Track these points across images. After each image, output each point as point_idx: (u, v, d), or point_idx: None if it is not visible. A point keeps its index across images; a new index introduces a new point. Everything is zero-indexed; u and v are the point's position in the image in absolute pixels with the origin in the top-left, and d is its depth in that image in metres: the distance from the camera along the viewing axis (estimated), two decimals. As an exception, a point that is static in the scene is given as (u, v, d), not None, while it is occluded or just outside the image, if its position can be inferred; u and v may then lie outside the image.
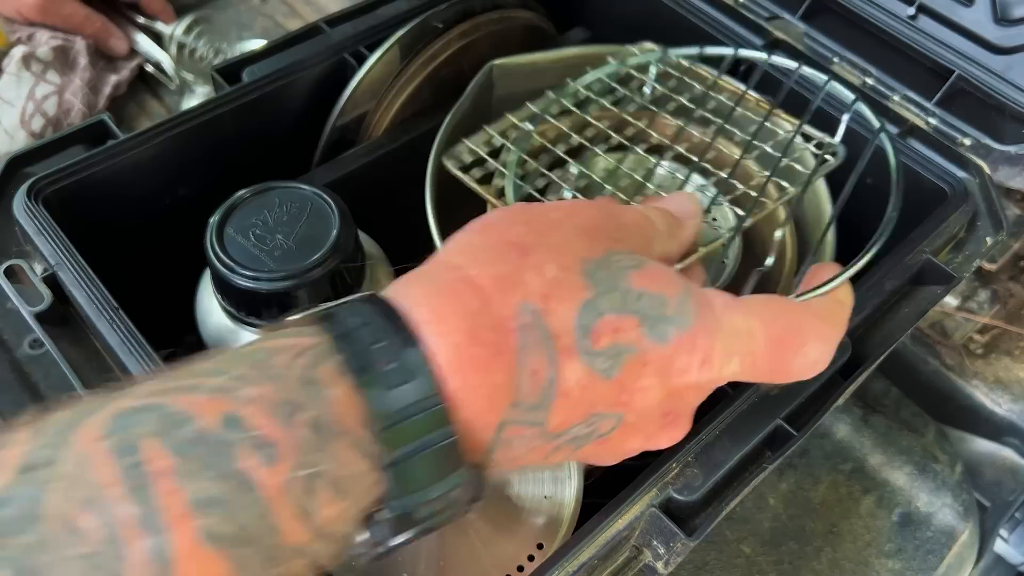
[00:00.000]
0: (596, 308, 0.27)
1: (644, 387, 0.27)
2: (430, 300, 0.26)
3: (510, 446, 0.26)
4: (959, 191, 0.47)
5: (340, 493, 0.23)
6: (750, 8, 0.56)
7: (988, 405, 0.61)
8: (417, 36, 0.52)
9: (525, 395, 0.26)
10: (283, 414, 0.23)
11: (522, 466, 0.29)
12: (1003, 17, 0.50)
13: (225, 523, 0.21)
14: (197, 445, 0.22)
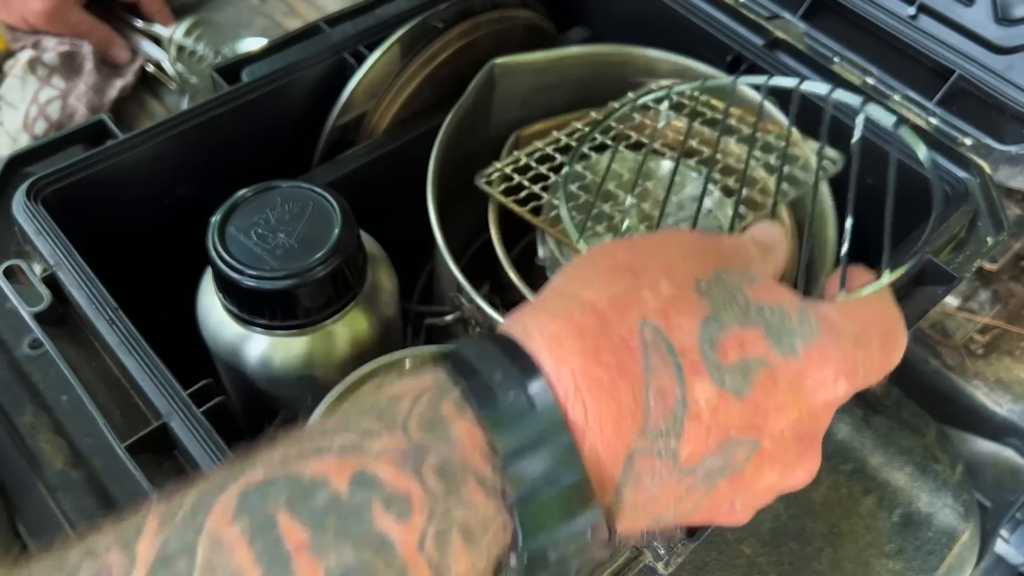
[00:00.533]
0: (719, 321, 0.25)
1: (778, 406, 0.26)
2: (545, 326, 0.25)
3: (640, 483, 0.25)
4: (960, 191, 0.47)
5: (471, 542, 0.22)
6: (750, 8, 0.56)
7: (989, 405, 0.61)
8: (417, 36, 0.52)
9: (654, 419, 0.24)
10: (412, 463, 0.22)
11: (655, 515, 0.26)
12: (1004, 17, 0.50)
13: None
14: (330, 512, 0.21)
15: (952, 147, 0.50)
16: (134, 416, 0.38)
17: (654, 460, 0.24)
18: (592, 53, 0.53)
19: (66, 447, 0.43)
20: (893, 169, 0.38)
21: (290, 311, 0.40)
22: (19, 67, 0.68)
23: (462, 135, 0.49)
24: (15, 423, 0.44)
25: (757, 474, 0.26)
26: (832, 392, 0.27)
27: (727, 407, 0.25)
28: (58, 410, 0.43)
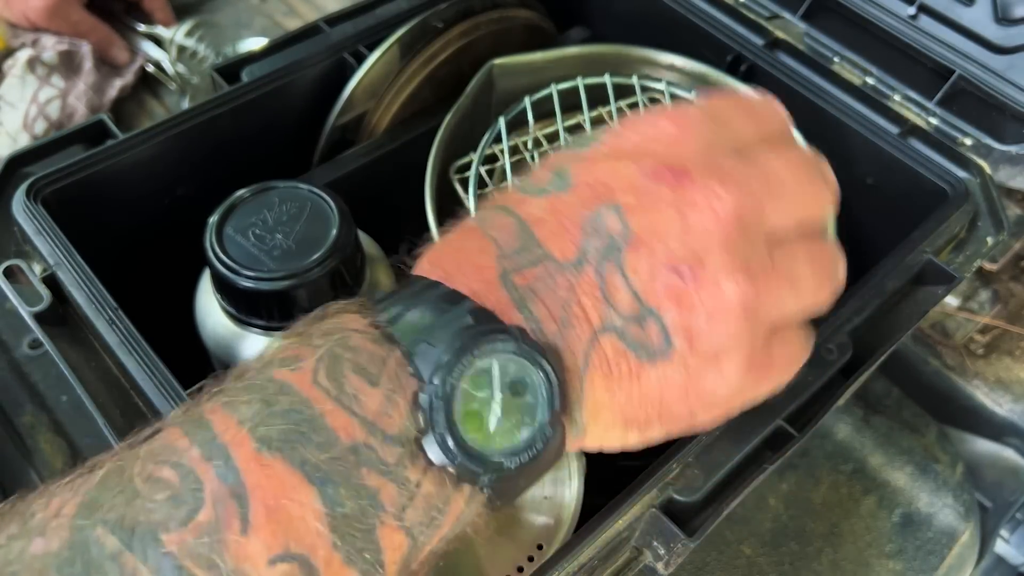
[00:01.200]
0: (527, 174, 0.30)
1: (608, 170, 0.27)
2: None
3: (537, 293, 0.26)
4: (960, 191, 0.47)
5: (367, 377, 0.24)
6: (750, 8, 0.56)
7: (989, 405, 0.61)
8: (417, 35, 0.52)
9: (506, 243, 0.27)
10: (303, 339, 0.25)
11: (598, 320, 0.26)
12: (1004, 17, 0.50)
13: (270, 429, 0.23)
14: (241, 381, 0.24)
15: (952, 147, 0.50)
16: (134, 416, 0.38)
17: (533, 270, 0.26)
18: (592, 53, 0.53)
19: (66, 447, 0.43)
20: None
21: (288, 312, 0.40)
22: (18, 66, 0.68)
23: (462, 135, 0.49)
24: (15, 423, 0.44)
25: (648, 219, 0.26)
26: (660, 129, 0.27)
27: (561, 201, 0.27)
28: (58, 410, 0.43)
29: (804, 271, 0.28)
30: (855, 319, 0.41)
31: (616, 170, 0.26)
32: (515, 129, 0.48)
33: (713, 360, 0.26)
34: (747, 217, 0.26)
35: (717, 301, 0.25)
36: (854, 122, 0.51)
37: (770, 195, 0.27)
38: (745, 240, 0.26)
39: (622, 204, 0.26)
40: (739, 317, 0.26)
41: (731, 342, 0.26)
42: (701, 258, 0.25)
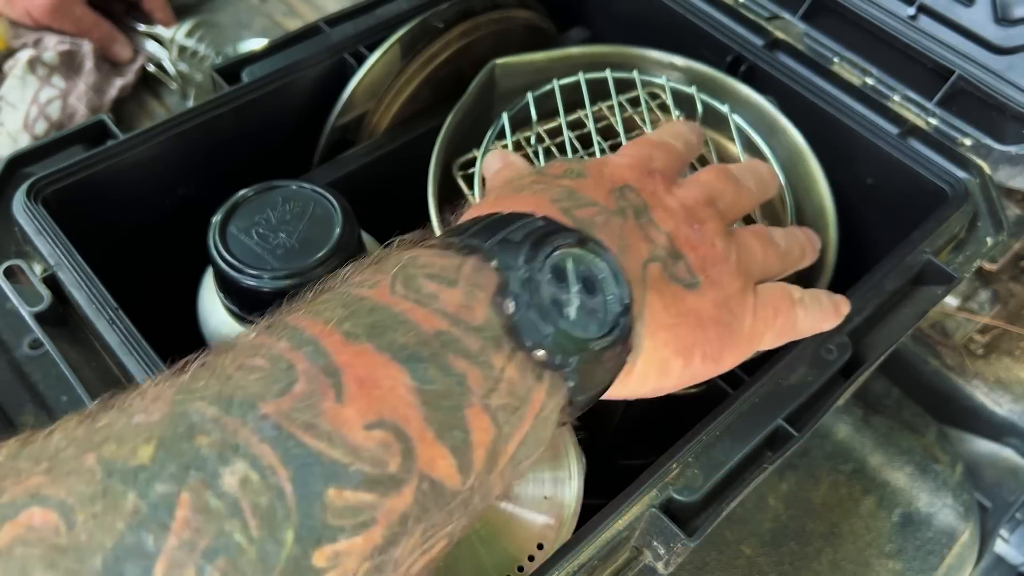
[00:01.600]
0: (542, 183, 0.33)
1: (614, 166, 0.34)
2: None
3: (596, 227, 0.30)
4: (959, 191, 0.47)
5: (441, 280, 0.26)
6: (750, 8, 0.56)
7: (989, 405, 0.61)
8: (417, 36, 0.52)
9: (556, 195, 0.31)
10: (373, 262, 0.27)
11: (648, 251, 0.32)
12: (1003, 17, 0.50)
13: (356, 324, 0.24)
14: (319, 296, 0.27)
15: (952, 147, 0.50)
16: (134, 416, 0.38)
17: (588, 209, 0.31)
18: (592, 53, 0.53)
19: (66, 447, 0.43)
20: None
21: (290, 311, 0.40)
22: (19, 67, 0.68)
23: (462, 135, 0.49)
24: (15, 423, 0.44)
25: (658, 198, 0.33)
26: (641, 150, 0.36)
27: (586, 183, 0.32)
28: (58, 410, 0.43)
29: (755, 246, 0.36)
30: (855, 319, 0.41)
31: (619, 169, 0.34)
32: (518, 127, 0.48)
33: (725, 298, 0.33)
34: (717, 197, 0.36)
35: (715, 257, 0.33)
36: (854, 122, 0.51)
37: (722, 188, 0.37)
38: (717, 214, 0.35)
39: (635, 186, 0.33)
40: (734, 264, 0.34)
41: (732, 281, 0.33)
42: (702, 219, 0.34)
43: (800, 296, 0.37)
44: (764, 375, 0.39)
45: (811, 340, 0.40)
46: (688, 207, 0.33)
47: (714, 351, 0.32)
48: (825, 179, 0.49)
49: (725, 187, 0.37)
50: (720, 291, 0.32)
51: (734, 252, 0.34)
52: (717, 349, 0.32)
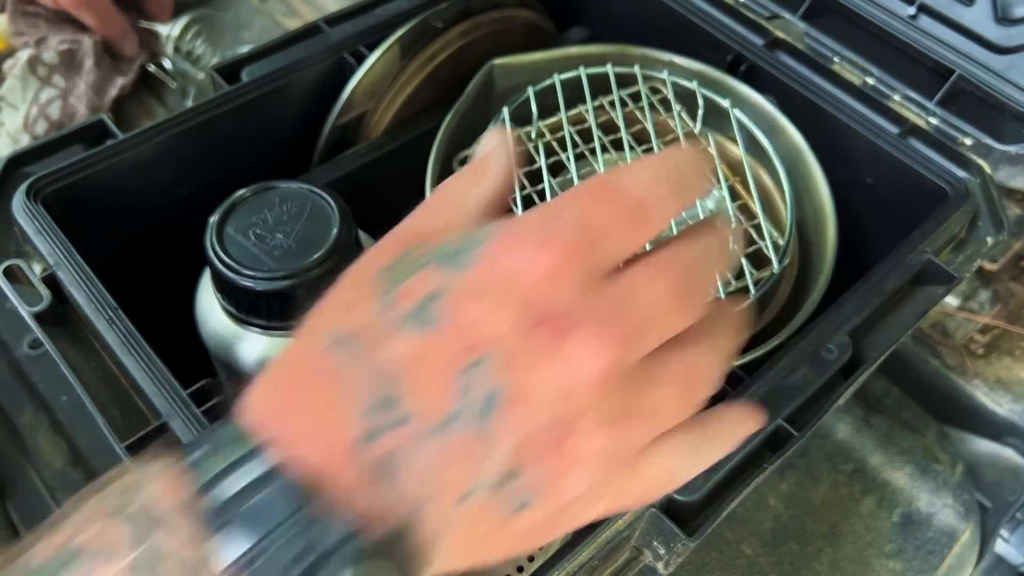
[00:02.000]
0: (393, 288, 0.24)
1: (483, 313, 0.23)
2: (253, 388, 0.25)
3: (402, 459, 0.23)
4: (960, 191, 0.47)
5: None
6: (750, 8, 0.56)
7: (989, 405, 0.61)
8: (417, 35, 0.52)
9: (363, 397, 0.23)
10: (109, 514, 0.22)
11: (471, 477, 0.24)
12: (1004, 17, 0.50)
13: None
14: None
15: (952, 147, 0.50)
16: (134, 416, 0.38)
17: (397, 431, 0.23)
18: (592, 53, 0.53)
19: (66, 447, 0.43)
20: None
21: (288, 311, 0.40)
22: (19, 67, 0.68)
23: (462, 135, 0.49)
24: (15, 423, 0.44)
25: (526, 379, 0.23)
26: (533, 262, 0.24)
27: (428, 346, 0.23)
28: (58, 410, 0.43)
29: (669, 398, 0.27)
30: (855, 319, 0.41)
31: (489, 315, 0.23)
32: (518, 124, 0.48)
33: (577, 503, 0.26)
34: (622, 364, 0.24)
35: (583, 455, 0.25)
36: (854, 122, 0.51)
37: (643, 330, 0.25)
38: (618, 390, 0.25)
39: (495, 357, 0.23)
40: (603, 466, 0.25)
41: (596, 488, 0.26)
42: (574, 418, 0.24)
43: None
44: (764, 375, 0.39)
45: (811, 340, 0.40)
46: (569, 391, 0.24)
47: (543, 542, 0.27)
48: (825, 179, 0.49)
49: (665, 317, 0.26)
50: (568, 502, 0.25)
51: (617, 445, 0.25)
52: (547, 540, 0.27)
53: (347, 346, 0.24)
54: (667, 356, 0.26)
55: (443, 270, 0.24)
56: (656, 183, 0.26)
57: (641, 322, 0.25)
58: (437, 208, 0.29)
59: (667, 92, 0.49)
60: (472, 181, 0.29)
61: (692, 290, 0.27)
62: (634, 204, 0.26)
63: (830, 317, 0.41)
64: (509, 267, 0.24)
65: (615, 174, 0.26)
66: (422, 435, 0.23)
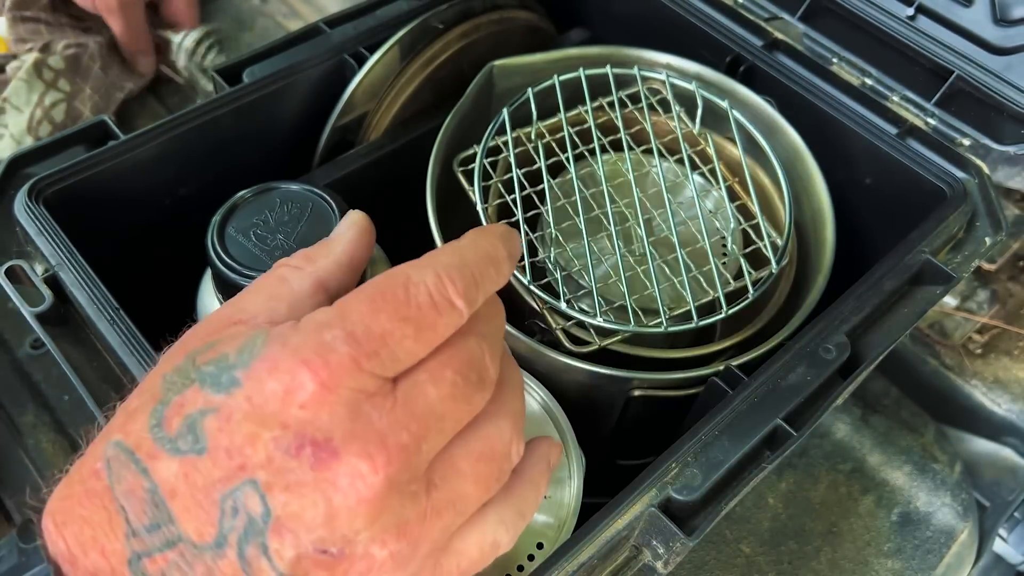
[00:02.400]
0: (164, 403, 0.25)
1: (248, 436, 0.24)
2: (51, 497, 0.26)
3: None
4: (958, 191, 0.47)
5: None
6: (750, 9, 0.56)
7: (987, 405, 0.61)
8: (417, 37, 0.52)
9: (136, 517, 0.24)
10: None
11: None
12: (1002, 17, 0.50)
13: None
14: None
15: (950, 147, 0.50)
16: (135, 416, 0.38)
17: (167, 553, 0.24)
18: (591, 54, 0.53)
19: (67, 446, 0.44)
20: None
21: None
22: (25, 70, 0.68)
23: (462, 136, 0.49)
24: (16, 422, 0.44)
25: (291, 503, 0.24)
26: (298, 385, 0.24)
27: (196, 468, 0.24)
28: (59, 409, 0.44)
29: (467, 485, 0.27)
30: (853, 319, 0.41)
31: (255, 439, 0.24)
32: (518, 125, 0.48)
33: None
34: (399, 476, 0.24)
35: (372, 568, 0.25)
36: (853, 123, 0.51)
37: (426, 433, 0.25)
38: (398, 501, 0.25)
39: (261, 481, 0.24)
40: (397, 571, 0.25)
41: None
42: (349, 538, 0.24)
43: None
44: (763, 374, 0.39)
45: (810, 340, 0.40)
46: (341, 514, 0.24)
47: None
48: (823, 179, 0.49)
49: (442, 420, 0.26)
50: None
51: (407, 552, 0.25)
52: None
53: (121, 464, 0.25)
54: (454, 448, 0.27)
55: (206, 392, 0.25)
56: (444, 282, 0.26)
57: (424, 427, 0.25)
58: (260, 290, 0.29)
59: (666, 93, 0.50)
60: (305, 262, 0.30)
61: (481, 373, 0.27)
62: (420, 306, 0.26)
63: (828, 317, 0.41)
64: (273, 390, 0.24)
65: (402, 274, 0.26)
66: (191, 558, 0.24)
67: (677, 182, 0.49)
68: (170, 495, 0.24)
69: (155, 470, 0.24)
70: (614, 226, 0.44)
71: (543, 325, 0.42)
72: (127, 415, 0.26)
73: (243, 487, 0.24)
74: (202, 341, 0.27)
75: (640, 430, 0.46)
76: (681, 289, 0.43)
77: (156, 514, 0.24)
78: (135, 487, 0.24)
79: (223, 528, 0.24)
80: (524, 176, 0.45)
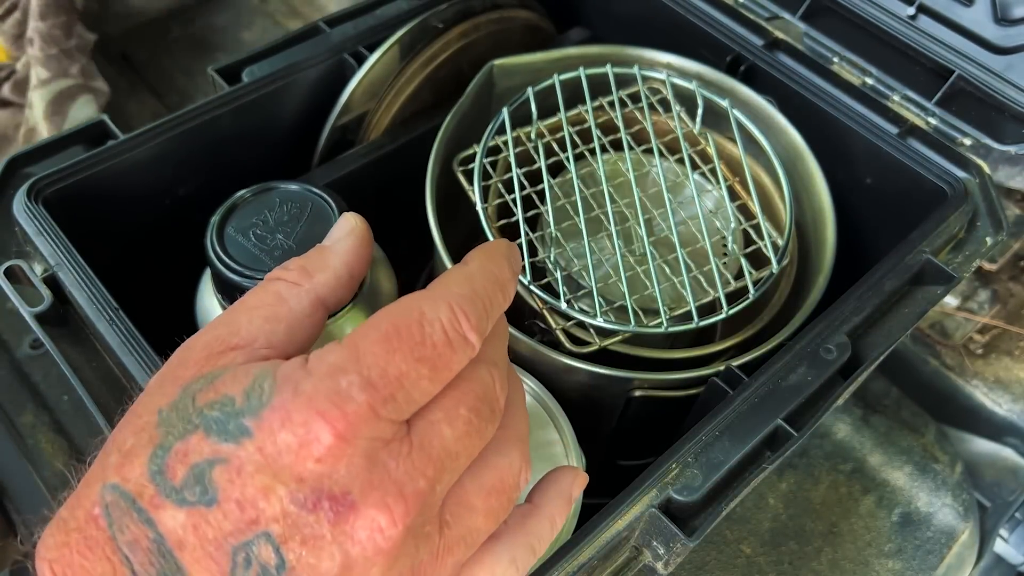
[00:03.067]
0: (164, 447, 0.24)
1: (261, 489, 0.23)
2: (43, 537, 0.25)
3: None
4: (959, 191, 0.47)
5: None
6: (750, 8, 0.56)
7: (988, 405, 0.61)
8: (417, 36, 0.52)
9: (143, 568, 0.23)
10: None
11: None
12: (1003, 17, 0.50)
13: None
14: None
15: (951, 147, 0.50)
16: (134, 416, 0.38)
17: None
18: (591, 54, 0.53)
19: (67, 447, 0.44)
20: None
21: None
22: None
23: (462, 136, 0.49)
24: (16, 423, 0.44)
25: (308, 556, 0.23)
26: (313, 438, 0.23)
27: (206, 520, 0.23)
28: (58, 410, 0.43)
29: (478, 520, 0.27)
30: (854, 319, 0.41)
31: (269, 493, 0.23)
32: (518, 125, 0.48)
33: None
34: (416, 522, 0.24)
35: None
36: (853, 122, 0.51)
37: (441, 474, 0.25)
38: (413, 545, 0.25)
39: (275, 534, 0.23)
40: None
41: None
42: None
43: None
44: (763, 375, 0.39)
45: (810, 340, 0.40)
46: (358, 566, 0.24)
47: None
48: (824, 179, 0.49)
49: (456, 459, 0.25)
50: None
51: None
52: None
53: (122, 512, 0.24)
54: (466, 483, 0.26)
55: (213, 440, 0.24)
56: (459, 317, 0.26)
57: (440, 469, 0.25)
58: (256, 309, 0.27)
59: (666, 92, 0.49)
60: (303, 277, 0.29)
61: (493, 405, 0.27)
62: (436, 345, 0.25)
63: (829, 317, 0.41)
64: (287, 443, 0.23)
65: (414, 311, 0.25)
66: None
67: (677, 182, 0.49)
68: (178, 546, 0.23)
69: (160, 520, 0.23)
70: (614, 226, 0.44)
71: (543, 325, 0.42)
72: (122, 456, 0.25)
73: (257, 539, 0.23)
74: (199, 371, 0.26)
75: (640, 430, 0.46)
76: (681, 289, 0.42)
77: (163, 565, 0.23)
78: (139, 537, 0.23)
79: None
80: (524, 176, 0.45)
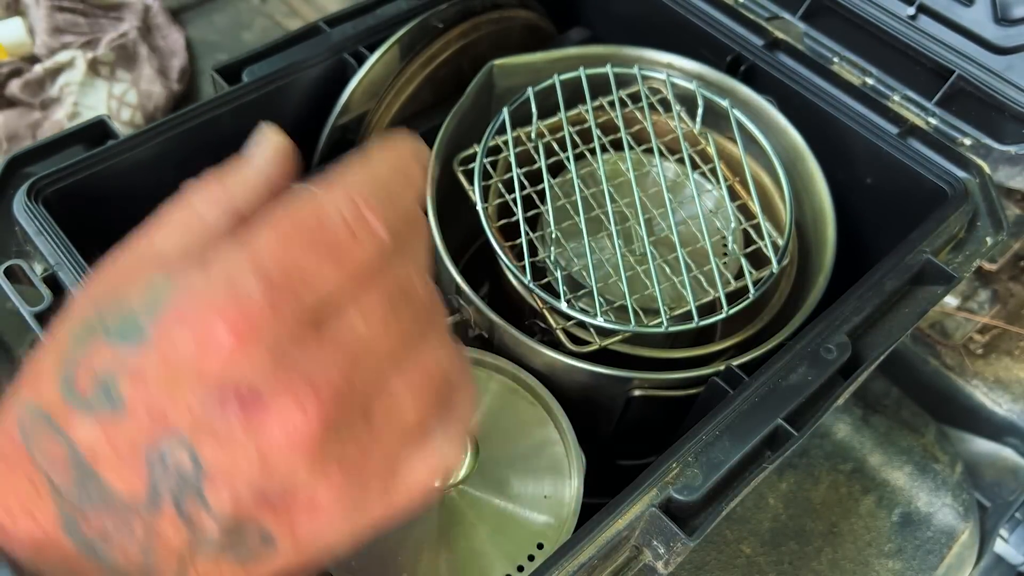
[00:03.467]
0: (72, 361, 0.23)
1: (167, 393, 0.22)
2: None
3: (110, 541, 0.23)
4: (959, 191, 0.47)
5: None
6: (750, 8, 0.56)
7: (988, 405, 0.61)
8: (417, 36, 0.52)
9: (61, 482, 0.23)
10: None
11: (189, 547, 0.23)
12: (1003, 17, 0.50)
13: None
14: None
15: (951, 147, 0.50)
16: (134, 416, 0.38)
17: (100, 515, 0.23)
18: (591, 54, 0.53)
19: (67, 447, 0.43)
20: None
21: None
22: (80, 73, 0.71)
23: (462, 135, 0.49)
24: (16, 423, 0.44)
25: (222, 456, 0.22)
26: (214, 337, 0.22)
27: (116, 428, 0.22)
28: (59, 410, 0.43)
29: (408, 412, 0.25)
30: (854, 319, 0.41)
31: (173, 394, 0.22)
32: (518, 125, 0.48)
33: (325, 543, 0.25)
34: (333, 416, 0.23)
35: (316, 507, 0.24)
36: (854, 122, 0.51)
37: (356, 367, 0.24)
38: (336, 439, 0.23)
39: (187, 437, 0.22)
40: (344, 509, 0.24)
41: (341, 527, 0.25)
42: (288, 480, 0.23)
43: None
44: (764, 375, 0.39)
45: (811, 340, 0.40)
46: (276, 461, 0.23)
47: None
48: (824, 179, 0.49)
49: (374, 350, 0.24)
50: (314, 542, 0.24)
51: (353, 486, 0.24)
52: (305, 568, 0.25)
53: (37, 429, 0.23)
54: (391, 376, 0.25)
55: (112, 347, 0.23)
56: (359, 205, 0.24)
57: (354, 361, 0.24)
58: (174, 223, 0.26)
59: (667, 92, 0.49)
60: (219, 189, 0.27)
61: (411, 297, 0.25)
62: (337, 235, 0.24)
63: (829, 317, 0.41)
64: (185, 342, 0.22)
65: (311, 199, 0.24)
66: (126, 516, 0.23)
67: (678, 181, 0.49)
68: (92, 457, 0.23)
69: (73, 433, 0.23)
70: (614, 226, 0.44)
71: (543, 325, 0.42)
72: (36, 375, 0.24)
73: (170, 444, 0.22)
74: (109, 287, 0.25)
75: (640, 430, 0.46)
76: (681, 289, 0.42)
77: (82, 477, 0.23)
78: (55, 452, 0.23)
79: (154, 483, 0.23)
80: (524, 175, 0.45)
